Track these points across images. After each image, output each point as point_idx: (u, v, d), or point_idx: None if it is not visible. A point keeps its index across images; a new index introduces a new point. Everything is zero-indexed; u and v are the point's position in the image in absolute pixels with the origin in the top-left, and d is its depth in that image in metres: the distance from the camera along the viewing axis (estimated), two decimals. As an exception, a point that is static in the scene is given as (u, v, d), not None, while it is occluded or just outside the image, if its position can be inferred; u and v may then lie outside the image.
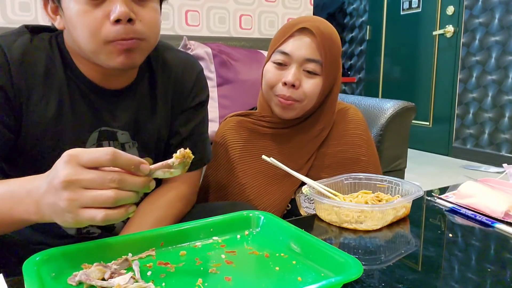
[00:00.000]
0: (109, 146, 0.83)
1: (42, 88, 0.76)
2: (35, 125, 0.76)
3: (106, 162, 0.52)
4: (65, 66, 0.78)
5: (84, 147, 0.79)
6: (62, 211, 0.52)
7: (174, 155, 0.56)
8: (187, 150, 0.56)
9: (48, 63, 0.77)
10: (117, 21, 0.69)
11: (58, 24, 0.75)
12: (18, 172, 0.80)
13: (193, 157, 0.57)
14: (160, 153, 0.91)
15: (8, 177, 0.79)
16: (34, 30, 0.79)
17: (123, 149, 0.84)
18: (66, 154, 0.52)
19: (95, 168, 0.52)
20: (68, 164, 0.51)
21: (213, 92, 1.82)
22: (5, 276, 0.53)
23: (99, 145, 0.82)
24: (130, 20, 0.70)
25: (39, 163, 0.78)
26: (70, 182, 0.51)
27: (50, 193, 0.53)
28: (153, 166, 0.56)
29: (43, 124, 0.76)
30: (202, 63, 1.82)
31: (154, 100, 0.87)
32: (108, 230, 0.89)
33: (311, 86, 0.98)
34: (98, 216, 0.51)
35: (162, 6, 0.81)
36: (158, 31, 0.78)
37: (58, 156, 0.76)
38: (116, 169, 0.53)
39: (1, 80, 0.72)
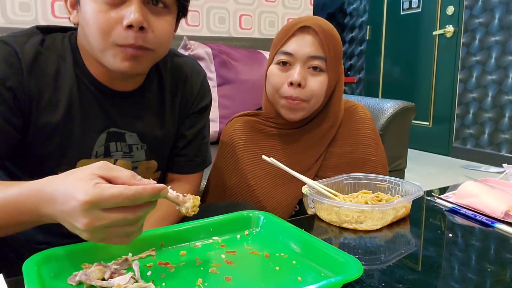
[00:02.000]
0: (117, 147, 0.83)
1: (52, 89, 0.76)
2: (43, 126, 0.76)
3: (128, 203, 0.51)
4: (75, 67, 0.78)
5: (92, 148, 0.80)
6: (83, 236, 0.54)
7: (187, 199, 0.59)
8: (197, 199, 0.60)
9: (59, 64, 0.77)
10: (129, 26, 0.69)
11: (73, 18, 0.76)
12: (24, 171, 0.80)
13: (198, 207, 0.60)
14: (166, 156, 0.92)
15: (14, 177, 0.80)
16: (45, 31, 0.79)
17: (131, 150, 0.84)
18: (85, 202, 0.49)
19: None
20: (88, 212, 0.50)
21: (213, 92, 1.82)
22: (5, 276, 0.53)
23: (106, 146, 0.82)
24: (142, 28, 0.70)
25: (46, 163, 0.78)
26: (92, 227, 0.51)
27: (71, 228, 0.53)
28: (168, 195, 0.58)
29: (52, 125, 0.76)
30: (202, 63, 1.83)
31: (163, 105, 0.88)
32: None
33: (317, 83, 0.98)
34: (124, 242, 0.55)
35: None
36: (168, 44, 0.79)
37: (65, 156, 0.78)
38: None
39: (12, 81, 0.71)
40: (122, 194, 0.50)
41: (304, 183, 0.86)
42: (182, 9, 0.79)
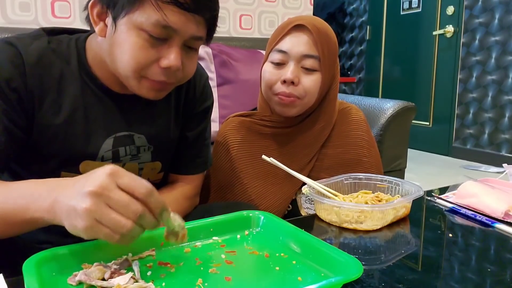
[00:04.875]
0: (126, 151, 0.83)
1: (56, 92, 0.76)
2: (46, 127, 0.76)
3: (141, 194, 0.54)
4: (81, 70, 0.78)
5: (98, 152, 0.80)
6: (76, 215, 0.53)
7: (180, 226, 0.61)
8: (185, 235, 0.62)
9: (63, 67, 0.77)
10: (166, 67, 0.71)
11: (100, 31, 0.73)
12: (28, 172, 0.80)
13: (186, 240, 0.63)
14: (170, 157, 0.92)
15: (19, 177, 0.80)
16: (51, 33, 0.79)
17: (138, 152, 0.85)
18: (110, 168, 0.54)
19: (127, 192, 0.54)
20: (107, 177, 0.53)
21: (213, 92, 1.82)
22: (5, 276, 0.53)
23: (115, 151, 0.82)
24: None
25: (50, 164, 0.78)
26: (99, 194, 0.52)
27: (73, 195, 0.54)
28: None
29: (55, 127, 0.76)
30: (202, 63, 1.82)
31: (168, 107, 0.88)
32: None
33: (310, 82, 0.98)
34: (114, 238, 0.53)
35: None
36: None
37: (68, 158, 0.78)
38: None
39: (16, 82, 0.71)
40: (141, 180, 0.54)
41: (303, 183, 0.87)
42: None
